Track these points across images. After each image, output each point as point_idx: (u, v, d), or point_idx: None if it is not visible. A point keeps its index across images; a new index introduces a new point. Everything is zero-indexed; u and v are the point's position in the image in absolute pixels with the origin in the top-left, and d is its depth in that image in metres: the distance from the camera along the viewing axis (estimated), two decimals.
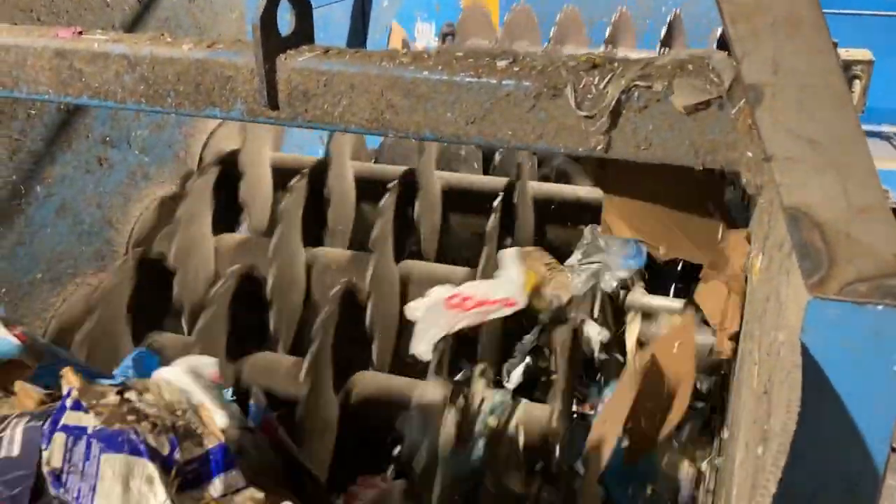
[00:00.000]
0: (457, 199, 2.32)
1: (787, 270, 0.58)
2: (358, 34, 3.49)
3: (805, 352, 0.50)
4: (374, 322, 1.91)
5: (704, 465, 1.68)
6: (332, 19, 3.34)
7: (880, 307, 0.53)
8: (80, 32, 1.34)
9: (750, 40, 0.59)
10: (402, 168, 2.22)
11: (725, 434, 1.36)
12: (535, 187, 2.30)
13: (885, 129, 5.10)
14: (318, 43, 1.25)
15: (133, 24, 2.02)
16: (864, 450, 0.54)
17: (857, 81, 1.12)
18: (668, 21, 3.69)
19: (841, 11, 5.69)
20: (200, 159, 2.29)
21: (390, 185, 2.09)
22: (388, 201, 2.06)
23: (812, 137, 0.57)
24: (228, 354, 1.81)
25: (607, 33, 3.53)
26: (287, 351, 1.98)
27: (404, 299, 1.98)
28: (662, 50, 3.41)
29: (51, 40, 1.33)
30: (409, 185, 2.18)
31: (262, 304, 1.92)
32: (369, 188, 2.26)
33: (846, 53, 1.17)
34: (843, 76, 0.57)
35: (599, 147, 1.06)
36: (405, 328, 1.91)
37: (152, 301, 1.91)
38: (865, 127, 1.40)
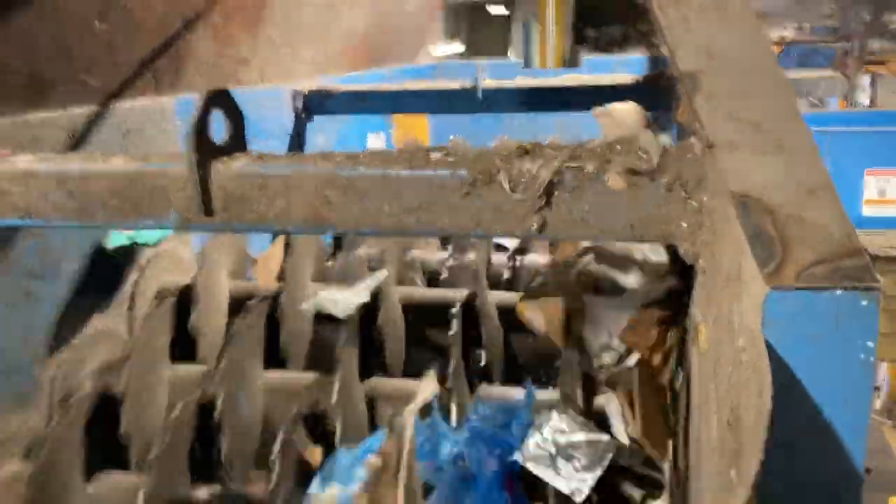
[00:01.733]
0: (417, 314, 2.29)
1: (737, 294, 0.58)
2: None
3: (769, 347, 0.49)
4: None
5: None
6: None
7: (839, 292, 0.52)
8: (8, 154, 1.33)
9: (681, 27, 0.62)
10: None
11: None
12: (497, 296, 2.29)
13: None
14: None
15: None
16: (840, 445, 0.51)
17: None
18: None
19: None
20: (131, 294, 2.22)
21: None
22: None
23: (753, 120, 0.58)
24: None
25: None
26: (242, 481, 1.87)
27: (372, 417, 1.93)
28: None
29: None
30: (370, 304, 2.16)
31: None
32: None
33: None
34: (775, 56, 0.59)
35: (534, 228, 1.07)
36: None
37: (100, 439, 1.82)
38: None
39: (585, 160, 1.05)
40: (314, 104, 3.52)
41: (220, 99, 1.23)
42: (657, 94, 3.15)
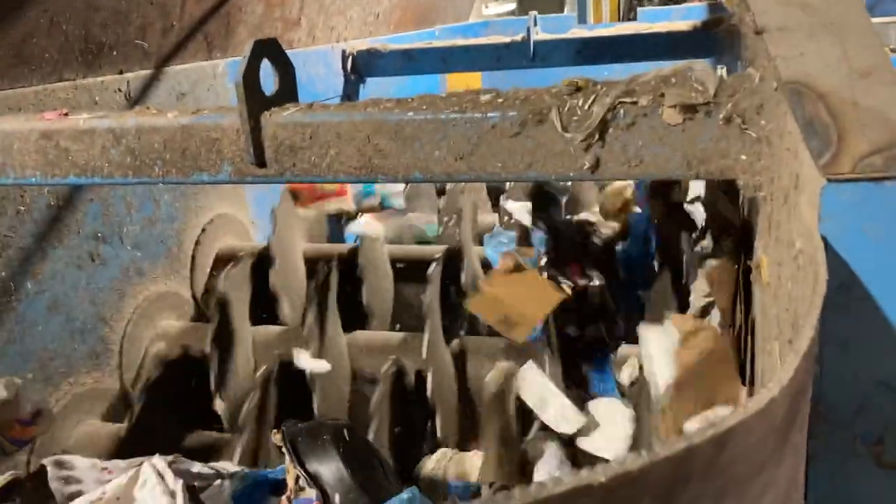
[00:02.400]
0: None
1: (795, 205, 0.55)
2: None
3: (826, 244, 0.46)
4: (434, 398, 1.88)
5: None
6: None
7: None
8: (66, 114, 1.36)
9: None
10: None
11: None
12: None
13: None
14: None
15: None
16: None
17: None
18: None
19: None
20: (192, 257, 2.27)
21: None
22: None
23: (803, 1, 0.55)
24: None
25: None
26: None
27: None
28: None
29: (36, 123, 1.33)
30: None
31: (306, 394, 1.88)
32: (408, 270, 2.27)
33: None
34: None
35: (587, 167, 1.04)
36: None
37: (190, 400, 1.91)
38: None
39: (639, 95, 1.01)
40: (364, 65, 3.51)
41: (269, 49, 1.23)
42: (716, 40, 3.05)
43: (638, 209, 2.51)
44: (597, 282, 2.27)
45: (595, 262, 2.37)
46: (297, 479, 1.49)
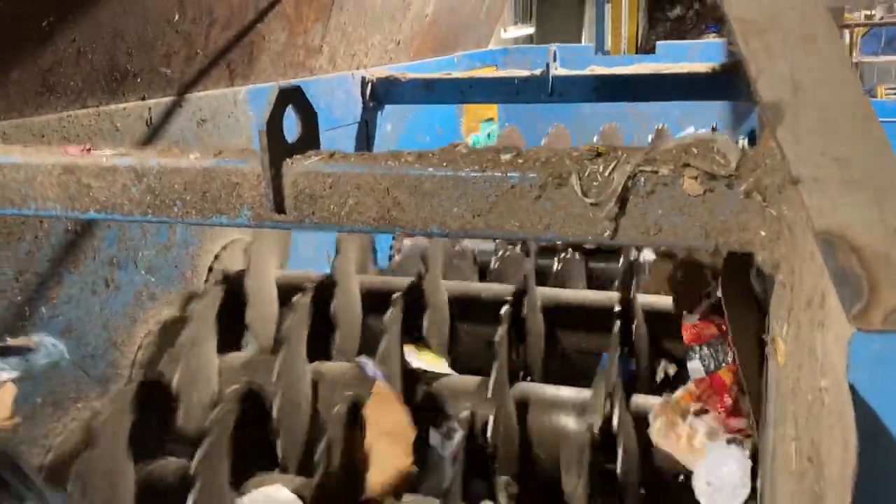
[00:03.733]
0: (465, 309, 2.30)
1: (820, 323, 0.55)
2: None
3: (853, 392, 0.46)
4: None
5: None
6: (337, 142, 3.43)
7: None
8: (89, 149, 1.37)
9: (764, 57, 0.59)
10: (408, 280, 2.21)
11: None
12: (544, 293, 2.28)
13: None
14: None
15: (143, 147, 2.07)
16: None
17: None
18: (655, 131, 3.80)
19: None
20: (207, 281, 2.28)
21: (394, 297, 2.08)
22: (393, 314, 2.04)
23: (839, 156, 0.55)
24: (233, 476, 1.74)
25: None
26: (295, 472, 1.90)
27: None
28: None
29: (59, 157, 1.35)
30: (416, 297, 2.16)
31: (267, 423, 1.87)
32: (376, 302, 2.25)
33: None
34: (863, 89, 0.56)
35: (607, 233, 1.04)
36: None
37: (155, 427, 1.87)
38: None
39: (660, 164, 1.02)
40: (382, 92, 3.54)
41: (293, 96, 1.24)
42: (733, 83, 3.05)
43: None
44: None
45: None
46: None
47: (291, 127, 1.26)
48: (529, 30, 13.86)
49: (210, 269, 2.30)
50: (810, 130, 0.59)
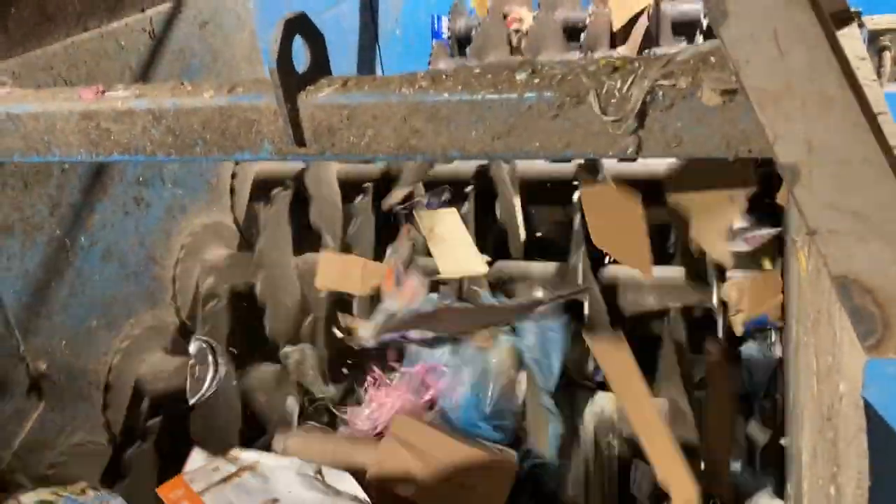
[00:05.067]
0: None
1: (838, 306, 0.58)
2: (368, 30, 3.49)
3: (868, 408, 0.50)
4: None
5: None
6: (341, 17, 3.34)
7: None
8: (103, 91, 1.37)
9: (781, 123, 0.58)
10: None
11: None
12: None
13: None
14: (331, 42, 1.26)
15: (149, 61, 2.04)
16: None
17: (886, 52, 1.09)
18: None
19: None
20: (232, 188, 2.32)
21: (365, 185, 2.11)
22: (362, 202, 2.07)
23: (854, 210, 0.56)
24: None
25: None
26: None
27: None
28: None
29: (75, 103, 1.35)
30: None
31: None
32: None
33: (872, 22, 1.13)
34: (880, 148, 0.56)
35: (630, 149, 1.05)
36: None
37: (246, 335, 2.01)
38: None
39: (678, 76, 1.00)
40: None
41: (299, 24, 1.22)
42: None
43: None
44: None
45: None
46: None
47: (299, 53, 1.24)
48: None
49: (233, 175, 2.32)
50: (825, 186, 0.59)
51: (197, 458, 1.55)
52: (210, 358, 1.86)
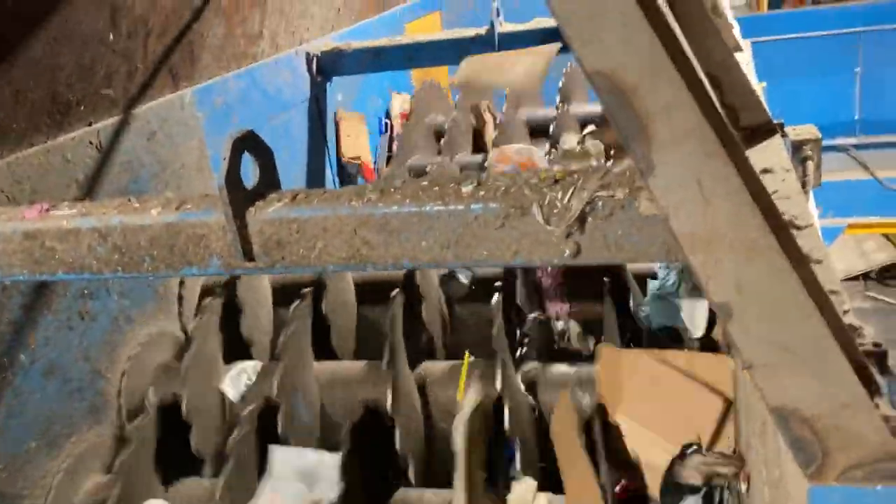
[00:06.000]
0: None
1: None
2: (316, 132, 3.55)
3: None
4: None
5: None
6: (290, 123, 3.40)
7: (879, 488, 0.54)
8: (47, 209, 1.36)
9: (710, 266, 0.62)
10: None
11: None
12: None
13: (839, 141, 5.28)
14: (280, 147, 1.28)
15: (96, 173, 2.04)
16: None
17: (809, 162, 1.16)
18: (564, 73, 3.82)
19: (783, 37, 5.93)
20: (180, 296, 2.29)
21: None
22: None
23: (784, 345, 0.59)
24: None
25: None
26: None
27: None
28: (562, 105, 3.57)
29: (19, 223, 1.34)
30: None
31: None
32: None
33: (794, 132, 1.21)
34: (804, 288, 0.60)
35: (569, 254, 1.08)
36: None
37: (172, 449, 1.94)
38: (825, 142, 1.41)
39: (615, 188, 1.05)
40: (329, 65, 3.49)
41: (247, 141, 1.24)
42: None
43: None
44: None
45: None
46: None
47: (249, 168, 1.26)
48: None
49: (181, 283, 2.30)
50: (756, 323, 0.63)
51: None
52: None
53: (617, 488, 1.80)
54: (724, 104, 1.14)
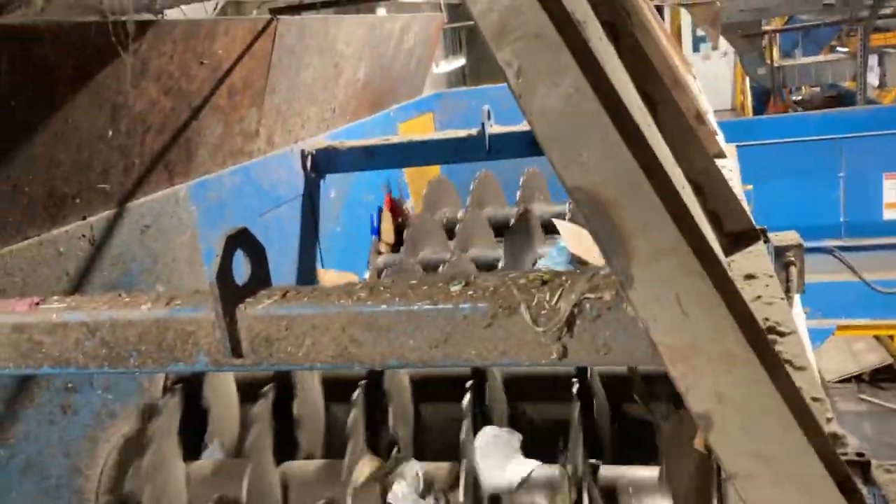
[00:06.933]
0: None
1: None
2: (309, 228, 3.59)
3: None
4: None
5: None
6: (282, 218, 3.44)
7: None
8: (37, 303, 1.36)
9: (690, 376, 0.64)
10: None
11: None
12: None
13: (825, 243, 5.40)
14: (272, 241, 1.29)
15: (88, 266, 2.05)
16: None
17: (791, 268, 1.19)
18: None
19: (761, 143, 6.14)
20: (164, 387, 2.26)
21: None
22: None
23: (766, 456, 0.61)
24: None
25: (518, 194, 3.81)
26: None
27: None
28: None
29: (8, 315, 1.34)
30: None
31: None
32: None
33: (776, 238, 1.24)
34: (783, 399, 0.62)
35: (556, 356, 1.08)
36: None
37: None
38: (807, 244, 1.44)
39: (603, 290, 1.06)
40: (323, 163, 3.56)
41: (240, 238, 1.26)
42: None
43: None
44: None
45: None
46: None
47: (241, 264, 1.27)
48: (461, 61, 14.06)
49: (167, 377, 2.27)
50: (737, 434, 0.64)
51: None
52: None
53: None
54: (707, 210, 1.17)
